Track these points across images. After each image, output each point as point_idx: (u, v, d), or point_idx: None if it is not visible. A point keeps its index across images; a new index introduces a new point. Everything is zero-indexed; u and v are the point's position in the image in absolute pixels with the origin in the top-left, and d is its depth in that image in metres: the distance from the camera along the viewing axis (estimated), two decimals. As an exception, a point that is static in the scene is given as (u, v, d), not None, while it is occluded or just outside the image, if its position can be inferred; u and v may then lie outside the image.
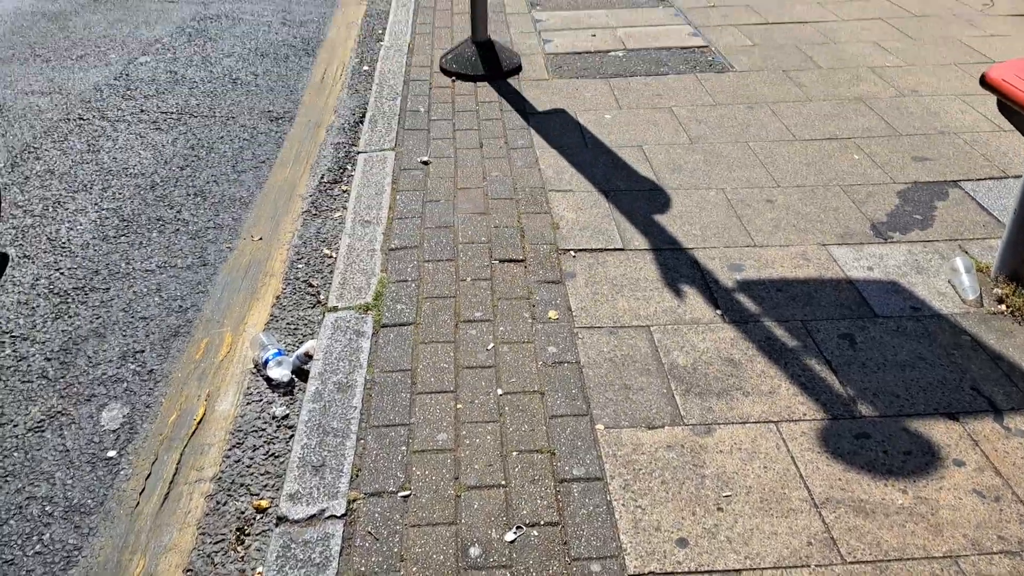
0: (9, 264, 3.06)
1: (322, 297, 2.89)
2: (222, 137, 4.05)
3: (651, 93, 4.26)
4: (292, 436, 2.28)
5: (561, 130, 3.89)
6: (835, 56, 4.66)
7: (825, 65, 4.53)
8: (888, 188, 3.30)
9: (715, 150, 3.64)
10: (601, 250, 2.94)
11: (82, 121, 4.16)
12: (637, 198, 3.27)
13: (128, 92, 4.51)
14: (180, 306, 2.84)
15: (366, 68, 4.97)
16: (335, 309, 2.66)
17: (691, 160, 3.56)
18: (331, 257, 3.11)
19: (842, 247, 2.92)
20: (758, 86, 4.29)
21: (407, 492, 1.99)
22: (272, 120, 4.28)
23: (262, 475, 2.19)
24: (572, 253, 2.92)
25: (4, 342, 2.67)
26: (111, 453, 2.26)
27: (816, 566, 1.79)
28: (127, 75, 4.74)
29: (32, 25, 5.50)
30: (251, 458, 2.24)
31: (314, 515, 1.94)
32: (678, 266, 2.84)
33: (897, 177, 3.38)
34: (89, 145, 3.92)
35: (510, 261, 2.89)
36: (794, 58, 4.64)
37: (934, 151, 3.58)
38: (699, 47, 4.86)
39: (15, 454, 2.25)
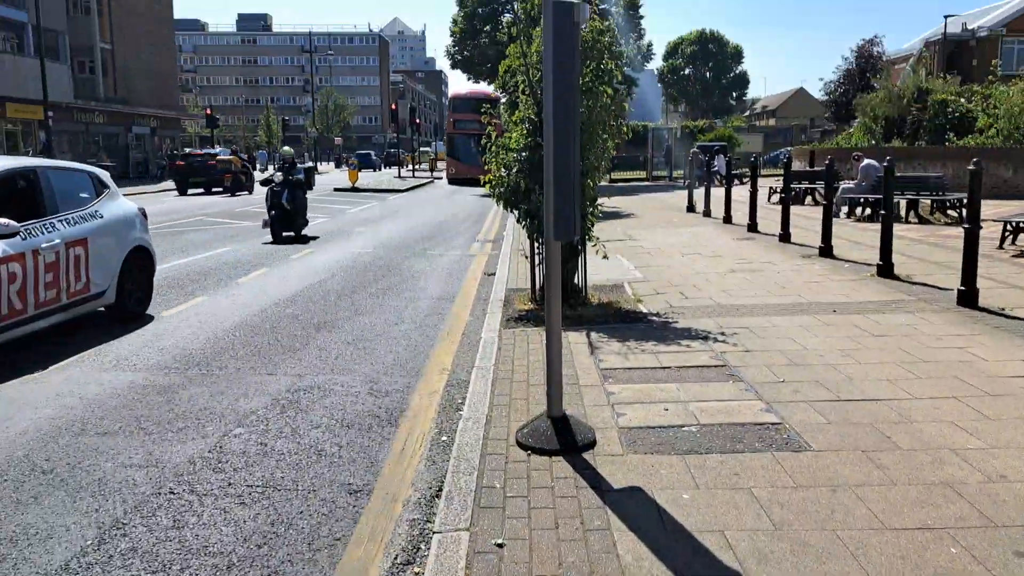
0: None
1: None
2: (302, 512, 4.11)
3: (728, 472, 4.23)
4: None
5: (638, 511, 3.83)
6: (914, 436, 4.62)
7: (905, 446, 4.48)
8: (996, 589, 3.06)
9: (801, 538, 3.51)
10: (687, 656, 2.73)
11: (172, 495, 4.31)
12: (722, 593, 3.10)
13: (219, 465, 4.71)
14: None
15: (444, 439, 5.13)
16: None
17: (777, 549, 3.42)
18: (400, 654, 2.95)
19: (956, 662, 2.65)
20: (838, 467, 4.23)
21: None
22: (351, 493, 4.35)
23: None
24: (656, 659, 2.72)
25: None
26: None
27: None
28: (220, 447, 4.98)
29: (142, 398, 5.96)
30: None
31: None
32: None
33: (1003, 576, 3.15)
34: (175, 521, 4.02)
35: (589, 667, 2.69)
36: (872, 438, 4.62)
37: (1038, 545, 3.37)
38: (772, 424, 4.91)
39: None
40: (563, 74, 4.45)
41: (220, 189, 32.87)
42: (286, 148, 17.65)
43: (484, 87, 44.51)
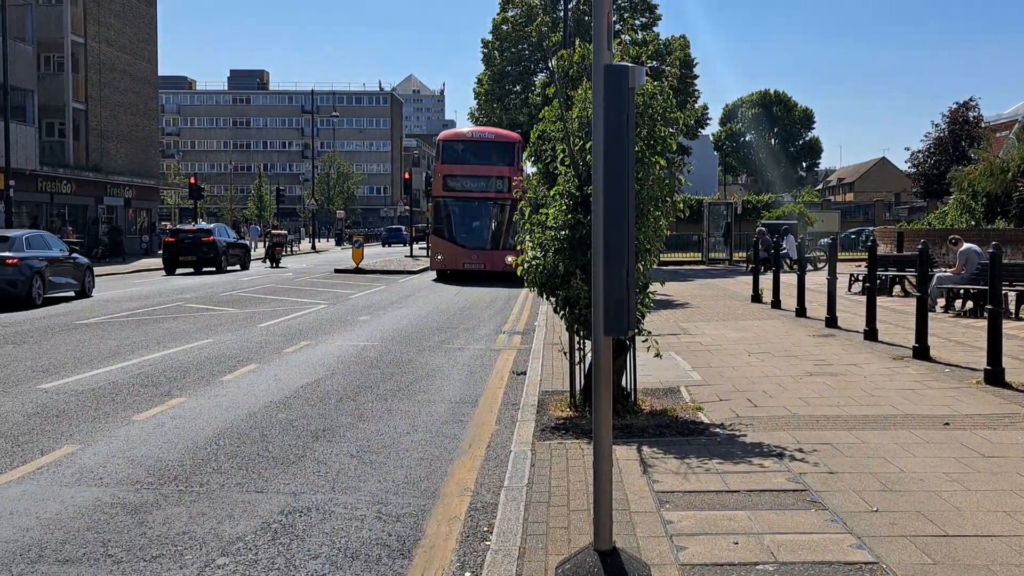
0: None
1: None
2: (297, 663, 4.05)
3: (815, 623, 4.12)
4: None
5: (706, 670, 3.73)
6: (1042, 582, 4.50)
7: (1032, 595, 4.36)
8: None
9: None
10: None
11: (144, 639, 4.27)
12: None
13: (200, 603, 4.68)
14: None
15: (469, 575, 5.07)
16: None
17: None
18: None
19: None
20: (950, 620, 4.11)
21: None
22: (356, 641, 4.29)
23: None
24: None
25: None
26: None
27: None
28: (201, 580, 4.96)
29: (110, 520, 5.96)
30: None
31: None
32: None
33: None
34: (146, 670, 3.97)
35: None
36: (990, 583, 4.50)
37: None
38: (866, 563, 4.80)
39: None
40: (615, 144, 4.57)
41: (212, 269, 35.21)
42: None
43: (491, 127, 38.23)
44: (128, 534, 5.67)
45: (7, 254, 20.39)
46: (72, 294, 23.01)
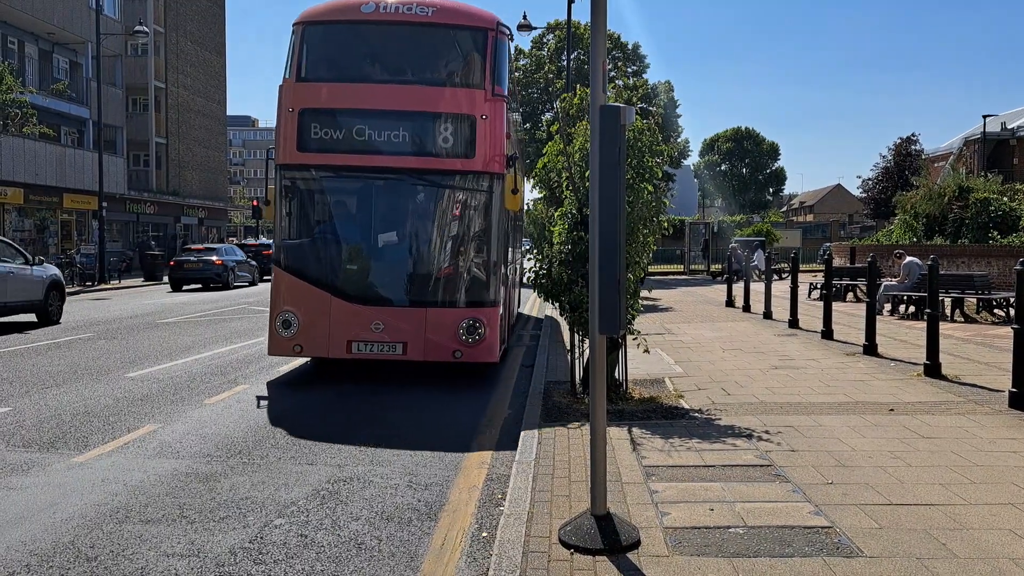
0: None
1: None
2: (341, 608, 4.07)
3: (778, 577, 4.11)
4: None
5: (685, 616, 3.73)
6: (971, 544, 4.47)
7: (961, 554, 4.33)
8: None
9: (857, 650, 3.38)
10: None
11: (213, 586, 4.30)
12: None
13: (260, 556, 4.70)
14: None
15: (485, 535, 5.07)
16: None
17: (831, 661, 3.29)
18: None
19: None
20: (892, 575, 4.09)
21: None
22: (391, 590, 4.30)
23: None
24: None
25: None
26: None
27: None
28: (261, 538, 4.98)
29: (185, 486, 6.01)
30: None
31: None
32: None
33: None
34: (215, 613, 4.00)
35: None
36: (927, 545, 4.47)
37: (1112, 666, 3.21)
38: (822, 527, 4.79)
39: None
40: (610, 173, 4.59)
41: (271, 277, 34.93)
42: None
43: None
44: (200, 499, 5.71)
45: (214, 258, 28.45)
46: (247, 284, 30.18)
